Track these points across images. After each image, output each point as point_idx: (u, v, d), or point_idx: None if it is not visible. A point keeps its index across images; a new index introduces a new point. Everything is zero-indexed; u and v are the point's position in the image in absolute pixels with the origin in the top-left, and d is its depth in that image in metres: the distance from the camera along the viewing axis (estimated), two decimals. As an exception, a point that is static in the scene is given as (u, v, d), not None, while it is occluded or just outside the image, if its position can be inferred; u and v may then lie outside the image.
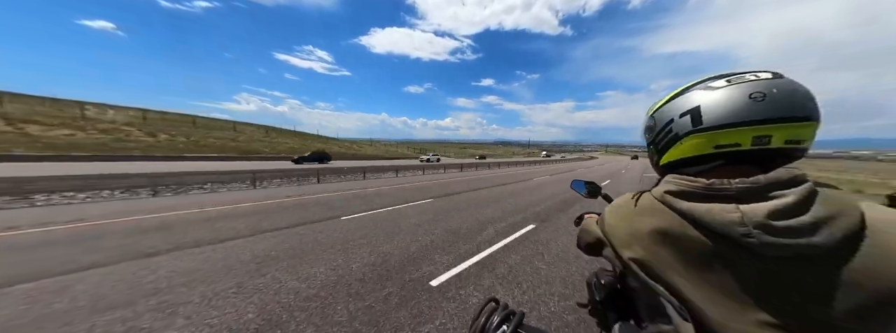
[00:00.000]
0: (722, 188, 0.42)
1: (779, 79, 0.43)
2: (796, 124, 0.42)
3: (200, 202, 7.27)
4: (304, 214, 5.88)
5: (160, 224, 5.03)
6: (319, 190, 10.01)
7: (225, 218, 5.47)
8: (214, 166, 16.41)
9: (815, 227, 0.36)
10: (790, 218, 0.37)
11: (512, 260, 3.53)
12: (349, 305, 2.41)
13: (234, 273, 3.04)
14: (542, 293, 2.69)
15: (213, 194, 8.73)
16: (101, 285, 2.74)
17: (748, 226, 0.38)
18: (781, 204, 0.38)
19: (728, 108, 0.44)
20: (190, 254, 3.58)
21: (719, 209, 0.41)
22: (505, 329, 0.53)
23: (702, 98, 0.47)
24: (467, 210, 6.61)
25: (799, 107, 0.42)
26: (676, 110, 0.49)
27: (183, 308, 2.34)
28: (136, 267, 3.16)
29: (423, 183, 12.90)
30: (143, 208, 6.38)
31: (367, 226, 4.97)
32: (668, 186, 0.48)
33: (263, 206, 6.76)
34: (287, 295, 2.56)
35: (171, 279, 2.88)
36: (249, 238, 4.26)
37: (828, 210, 0.37)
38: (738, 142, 0.44)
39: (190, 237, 4.29)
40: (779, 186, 0.39)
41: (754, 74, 0.45)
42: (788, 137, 0.42)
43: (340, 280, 2.89)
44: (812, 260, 0.36)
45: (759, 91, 0.43)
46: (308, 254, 3.59)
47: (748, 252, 0.39)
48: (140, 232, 4.55)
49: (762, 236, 0.37)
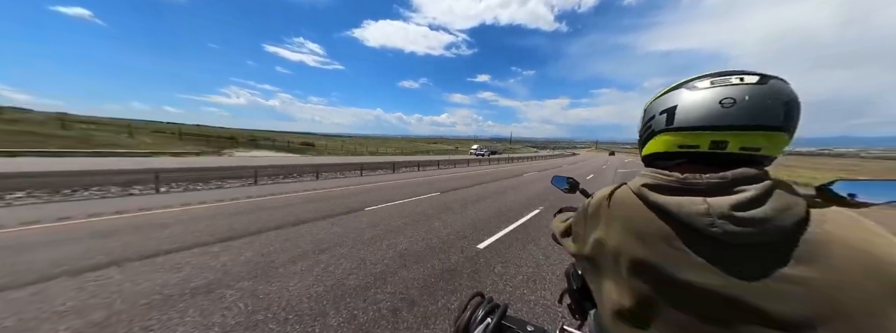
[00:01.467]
0: (694, 182, 0.46)
1: (759, 86, 0.45)
2: (754, 133, 0.45)
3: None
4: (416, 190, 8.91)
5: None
6: (396, 178, 12.78)
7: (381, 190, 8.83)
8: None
9: (770, 218, 0.40)
10: (750, 210, 0.41)
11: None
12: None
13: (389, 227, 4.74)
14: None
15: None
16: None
17: (713, 217, 0.42)
18: (743, 198, 0.42)
19: (696, 112, 0.47)
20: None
21: (689, 202, 0.45)
22: (489, 321, 0.56)
23: (681, 98, 0.50)
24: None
25: (764, 117, 0.44)
26: (660, 107, 0.53)
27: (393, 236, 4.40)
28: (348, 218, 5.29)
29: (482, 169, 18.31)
30: (319, 186, 9.32)
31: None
32: (646, 180, 0.51)
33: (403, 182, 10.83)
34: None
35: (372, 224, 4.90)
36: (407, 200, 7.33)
37: (781, 203, 0.41)
38: (697, 144, 0.48)
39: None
40: (743, 182, 0.44)
41: (739, 77, 0.47)
42: (744, 144, 0.46)
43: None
44: (766, 246, 0.41)
45: (730, 97, 0.45)
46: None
47: (712, 240, 0.43)
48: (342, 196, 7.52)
49: (725, 225, 0.41)
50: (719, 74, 0.48)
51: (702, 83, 0.49)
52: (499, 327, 0.56)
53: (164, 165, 9.95)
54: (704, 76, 0.50)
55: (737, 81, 0.46)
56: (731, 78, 0.47)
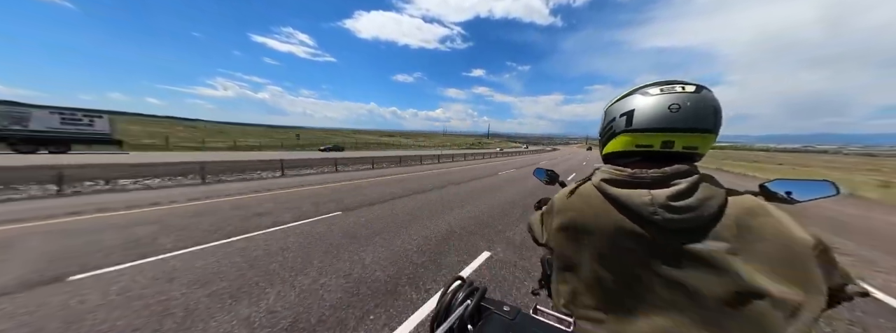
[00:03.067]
0: (641, 177, 0.54)
1: (696, 94, 0.54)
2: (694, 134, 0.54)
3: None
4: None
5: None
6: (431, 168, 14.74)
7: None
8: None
9: (697, 206, 0.49)
10: (682, 200, 0.49)
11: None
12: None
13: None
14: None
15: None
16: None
17: (654, 206, 0.50)
18: (677, 190, 0.50)
19: (651, 116, 0.55)
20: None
21: (637, 194, 0.53)
22: (469, 303, 0.60)
23: (638, 103, 0.57)
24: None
25: (701, 121, 0.53)
26: (620, 110, 0.60)
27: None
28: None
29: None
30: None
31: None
32: (604, 175, 0.59)
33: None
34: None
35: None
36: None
37: (705, 194, 0.50)
38: (651, 144, 0.56)
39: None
40: (678, 176, 0.52)
41: (682, 86, 0.55)
42: (686, 144, 0.55)
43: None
44: (694, 230, 0.49)
45: (676, 103, 0.53)
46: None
47: (655, 226, 0.51)
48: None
49: (664, 213, 0.49)
50: (666, 83, 0.57)
51: (653, 90, 0.57)
52: (478, 308, 0.61)
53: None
54: (654, 84, 0.59)
55: (680, 90, 0.55)
56: (676, 86, 0.55)
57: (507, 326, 0.56)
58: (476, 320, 0.58)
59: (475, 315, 0.59)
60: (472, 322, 0.58)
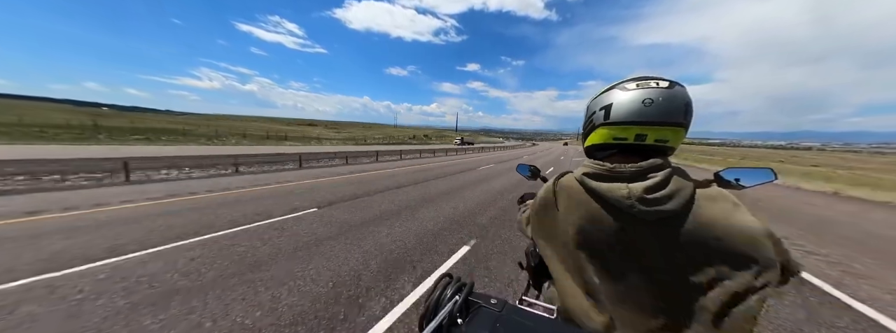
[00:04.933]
0: (620, 171, 0.57)
1: (669, 90, 0.56)
2: (665, 128, 0.56)
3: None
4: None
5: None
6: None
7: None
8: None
9: (669, 198, 0.52)
10: (656, 193, 0.52)
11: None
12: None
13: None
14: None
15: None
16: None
17: (632, 199, 0.53)
18: (652, 183, 0.53)
19: (627, 109, 0.57)
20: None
21: (616, 187, 0.55)
22: (457, 298, 0.61)
23: (616, 97, 0.59)
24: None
25: (671, 115, 0.56)
26: (600, 104, 0.62)
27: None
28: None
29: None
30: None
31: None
32: (586, 169, 0.62)
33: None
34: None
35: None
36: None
37: (676, 186, 0.53)
38: (626, 136, 0.59)
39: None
40: (652, 170, 0.55)
41: (656, 82, 0.57)
42: (657, 137, 0.57)
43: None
44: (666, 220, 0.52)
45: (650, 98, 0.55)
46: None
47: (632, 218, 0.54)
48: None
49: (640, 205, 0.53)
50: (642, 79, 0.59)
51: (630, 85, 0.59)
52: (466, 302, 0.63)
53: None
54: (632, 79, 0.60)
55: (654, 85, 0.56)
56: (650, 82, 0.57)
57: (496, 318, 0.57)
58: (465, 315, 0.60)
59: (464, 310, 0.60)
60: (461, 316, 0.59)
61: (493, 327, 0.55)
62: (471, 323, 0.57)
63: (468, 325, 0.57)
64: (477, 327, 0.55)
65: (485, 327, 0.55)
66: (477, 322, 0.57)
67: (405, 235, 3.75)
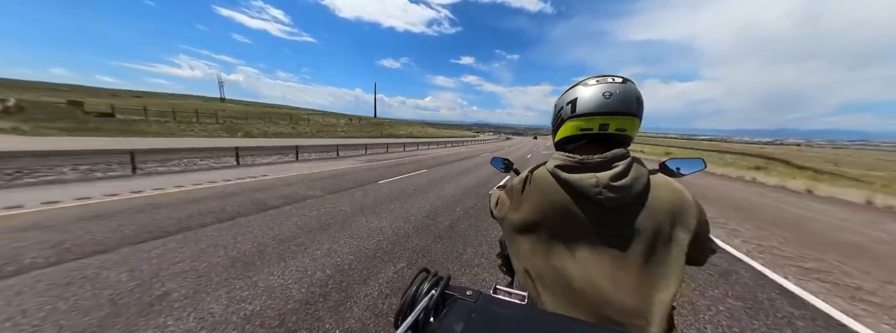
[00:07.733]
0: (588, 161, 0.63)
1: (624, 84, 0.65)
2: (623, 117, 0.65)
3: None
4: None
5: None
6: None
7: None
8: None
9: (630, 185, 0.60)
10: (619, 180, 0.60)
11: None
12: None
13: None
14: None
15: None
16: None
17: (600, 187, 0.59)
18: (616, 171, 0.60)
19: (590, 102, 0.66)
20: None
21: (586, 177, 0.62)
22: (433, 293, 0.60)
23: (580, 92, 0.68)
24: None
25: (628, 106, 0.64)
26: (566, 100, 0.70)
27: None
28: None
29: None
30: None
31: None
32: (557, 161, 0.67)
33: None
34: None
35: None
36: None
37: (636, 174, 0.61)
38: (591, 127, 0.66)
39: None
40: (617, 159, 0.63)
41: (613, 78, 0.67)
42: (618, 126, 0.65)
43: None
44: (628, 208, 0.61)
45: (609, 91, 0.64)
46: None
47: (600, 206, 0.61)
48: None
49: (606, 193, 0.59)
50: (602, 76, 0.69)
51: (591, 81, 0.68)
52: (443, 296, 0.61)
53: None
54: (593, 77, 0.70)
55: (611, 80, 0.67)
56: (608, 78, 0.67)
57: (471, 309, 0.57)
58: (440, 309, 0.58)
59: (440, 305, 0.59)
60: (437, 311, 0.58)
61: (468, 317, 0.54)
62: (447, 316, 0.56)
63: (444, 318, 0.56)
64: (453, 319, 0.54)
65: (460, 319, 0.54)
66: (452, 314, 0.56)
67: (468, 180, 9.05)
